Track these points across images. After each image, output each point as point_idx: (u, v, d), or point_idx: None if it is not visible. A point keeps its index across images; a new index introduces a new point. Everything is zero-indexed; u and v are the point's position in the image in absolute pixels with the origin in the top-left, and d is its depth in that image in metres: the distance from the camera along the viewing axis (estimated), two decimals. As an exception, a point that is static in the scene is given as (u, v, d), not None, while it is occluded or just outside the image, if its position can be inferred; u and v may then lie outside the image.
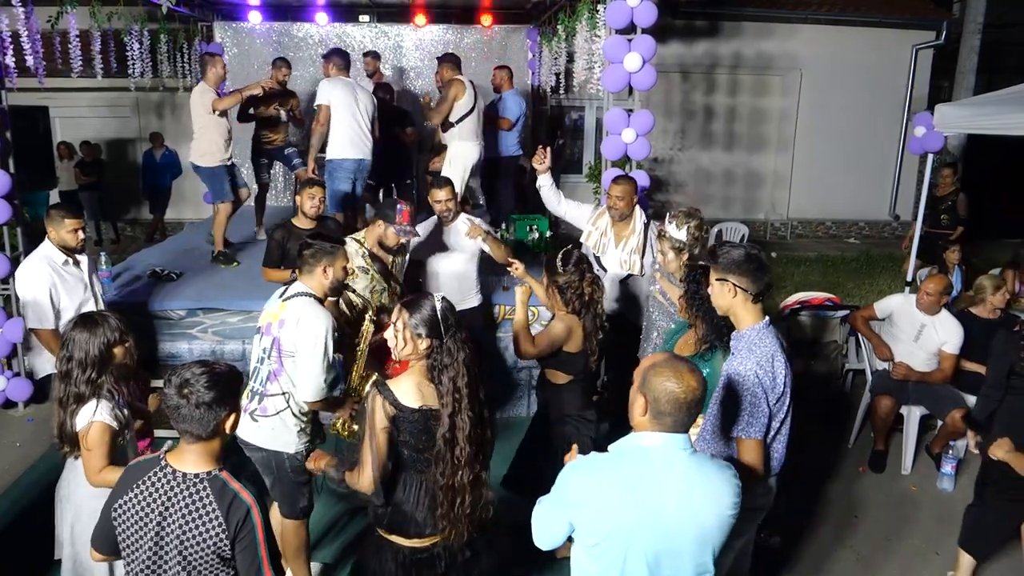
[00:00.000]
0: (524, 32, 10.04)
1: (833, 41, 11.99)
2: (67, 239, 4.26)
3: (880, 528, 4.42)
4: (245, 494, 2.15)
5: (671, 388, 2.02)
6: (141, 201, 11.83)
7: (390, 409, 2.52)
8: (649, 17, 5.08)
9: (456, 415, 2.49)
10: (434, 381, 2.53)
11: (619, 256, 4.75)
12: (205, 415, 2.12)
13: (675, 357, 2.14)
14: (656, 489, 2.02)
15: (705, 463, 2.10)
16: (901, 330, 5.03)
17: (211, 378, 2.14)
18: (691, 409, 2.04)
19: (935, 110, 6.32)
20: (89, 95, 11.00)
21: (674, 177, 12.50)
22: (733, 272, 2.65)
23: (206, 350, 5.49)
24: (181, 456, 2.18)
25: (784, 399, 2.65)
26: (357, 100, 6.10)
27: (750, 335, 2.65)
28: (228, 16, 9.83)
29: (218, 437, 2.19)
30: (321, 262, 3.28)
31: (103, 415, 2.86)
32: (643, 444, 2.08)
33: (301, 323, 3.17)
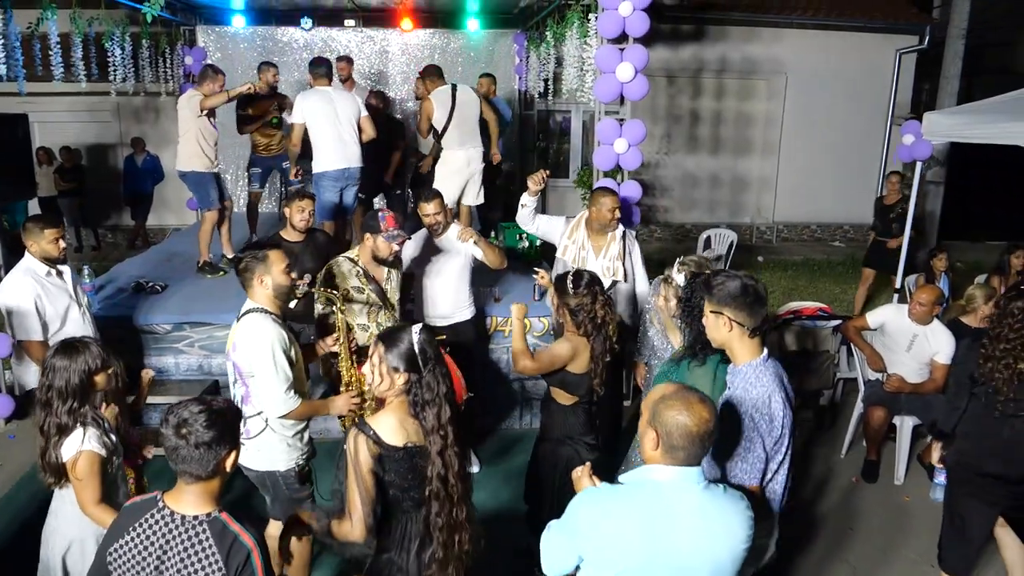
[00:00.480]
0: (511, 37, 9.99)
1: (818, 45, 12.05)
2: (49, 250, 4.10)
3: (876, 540, 4.42)
4: (246, 537, 2.07)
5: (683, 422, 1.98)
6: (122, 207, 11.68)
7: (374, 448, 2.39)
8: (641, 27, 5.05)
9: (445, 451, 2.40)
10: (416, 417, 2.43)
11: (601, 264, 4.72)
12: (205, 455, 2.04)
13: (685, 388, 2.09)
14: (669, 526, 1.98)
15: (718, 496, 2.06)
16: (893, 340, 5.03)
17: (209, 416, 2.06)
18: (704, 441, 2.00)
19: (923, 118, 6.35)
20: (69, 100, 10.83)
21: (660, 181, 12.51)
22: (728, 305, 2.53)
23: (193, 365, 5.41)
24: (179, 497, 2.10)
25: (783, 441, 2.54)
26: (336, 109, 6.01)
27: (746, 372, 2.54)
28: (211, 20, 9.68)
29: (218, 476, 2.11)
30: (255, 273, 3.21)
31: (91, 444, 2.79)
32: (656, 478, 2.04)
33: (248, 342, 3.13)
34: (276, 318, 3.24)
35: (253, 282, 3.21)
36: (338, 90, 6.25)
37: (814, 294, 8.96)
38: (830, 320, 5.64)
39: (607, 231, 4.72)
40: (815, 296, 8.66)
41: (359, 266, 4.21)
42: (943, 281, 6.73)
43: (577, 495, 2.15)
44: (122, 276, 6.42)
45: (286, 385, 3.14)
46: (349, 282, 4.19)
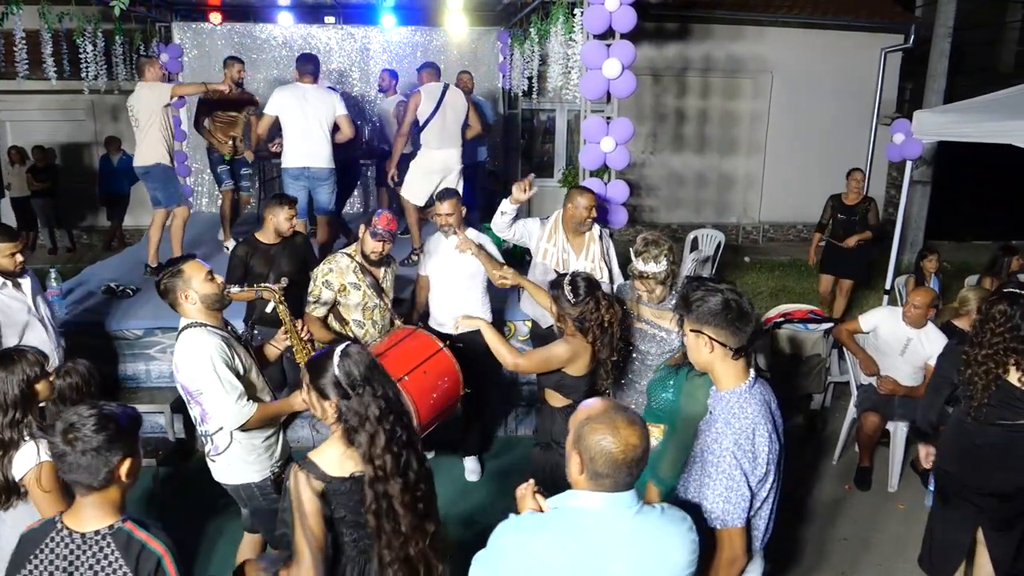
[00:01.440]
0: (495, 35, 9.83)
1: (803, 44, 11.99)
2: (4, 264, 3.88)
3: (870, 551, 4.30)
4: (154, 543, 1.97)
5: (607, 448, 1.80)
6: (98, 208, 11.44)
7: (316, 484, 2.23)
8: (628, 22, 4.92)
9: (381, 482, 2.20)
10: (351, 445, 2.25)
11: (586, 266, 4.56)
12: (93, 462, 1.91)
13: (614, 407, 1.88)
14: (598, 559, 1.80)
15: (653, 522, 1.87)
16: (886, 343, 4.92)
17: (99, 420, 1.92)
18: (632, 468, 1.81)
19: (913, 117, 6.26)
20: (42, 98, 10.59)
21: (645, 181, 12.41)
22: (709, 323, 2.28)
23: (165, 371, 5.23)
24: (78, 513, 1.98)
25: (768, 477, 2.32)
26: (304, 107, 5.91)
27: (729, 400, 2.29)
28: (187, 16, 9.48)
29: (114, 485, 1.97)
30: (177, 291, 3.04)
31: (47, 455, 2.62)
32: (582, 506, 1.85)
33: (186, 360, 3.01)
34: (213, 329, 3.08)
35: (179, 299, 3.06)
36: (318, 88, 6.08)
37: (802, 295, 8.87)
38: (821, 323, 5.53)
39: (583, 230, 4.58)
40: (803, 297, 8.58)
41: (356, 261, 4.21)
42: (933, 282, 6.64)
43: (500, 524, 1.95)
44: (92, 279, 6.22)
45: (236, 394, 3.00)
46: (346, 277, 4.19)
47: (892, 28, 11.91)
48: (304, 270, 4.77)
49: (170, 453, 4.92)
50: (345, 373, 2.26)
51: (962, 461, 3.42)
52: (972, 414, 3.31)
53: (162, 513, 4.55)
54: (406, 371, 3.70)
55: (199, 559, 4.08)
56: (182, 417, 5.14)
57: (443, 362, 3.89)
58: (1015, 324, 3.19)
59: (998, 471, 3.31)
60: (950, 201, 11.91)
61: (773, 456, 2.31)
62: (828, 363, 5.65)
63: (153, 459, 4.72)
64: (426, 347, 3.91)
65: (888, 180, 12.73)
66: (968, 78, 14.57)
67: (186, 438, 5.17)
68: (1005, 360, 3.22)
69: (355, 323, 4.26)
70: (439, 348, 3.91)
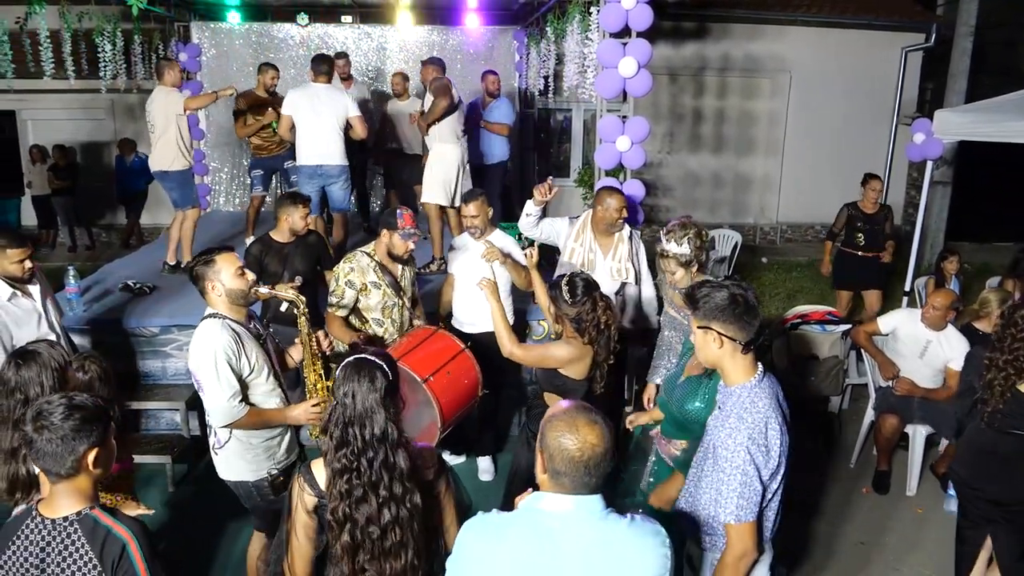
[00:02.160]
0: (511, 34, 9.82)
1: (822, 43, 11.88)
2: (13, 271, 3.78)
3: (888, 555, 4.25)
4: (120, 529, 1.99)
5: (565, 445, 1.77)
6: (116, 206, 11.54)
7: (309, 500, 2.19)
8: (644, 20, 4.89)
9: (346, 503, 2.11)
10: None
11: (611, 266, 4.57)
12: (59, 450, 1.94)
13: (577, 407, 1.86)
14: (553, 563, 1.76)
15: (619, 531, 1.81)
16: (905, 346, 4.86)
17: (68, 409, 1.96)
18: (592, 469, 1.78)
19: (934, 116, 6.19)
20: (62, 97, 10.67)
21: (662, 181, 12.34)
22: (716, 319, 2.30)
23: (180, 369, 5.25)
24: (51, 501, 2.03)
25: (780, 470, 2.33)
26: (318, 105, 5.97)
27: (740, 395, 2.30)
28: (206, 16, 9.53)
29: (82, 474, 2.00)
30: (206, 279, 3.09)
31: None
32: (545, 508, 1.82)
33: (195, 348, 3.05)
34: (232, 323, 3.11)
35: (206, 288, 3.11)
36: (331, 88, 6.11)
37: (819, 296, 8.78)
38: (839, 324, 5.47)
39: (613, 231, 4.57)
40: (820, 298, 8.48)
41: (375, 260, 4.21)
42: (954, 284, 6.55)
43: (465, 524, 1.94)
44: (110, 277, 6.27)
45: (229, 393, 3.02)
46: (367, 277, 4.18)
47: (912, 27, 11.78)
48: (317, 269, 4.80)
49: (185, 450, 4.93)
50: (337, 386, 2.22)
51: (974, 467, 3.41)
52: (986, 419, 3.28)
53: (177, 510, 4.58)
54: (431, 372, 3.74)
55: (213, 556, 4.10)
56: (197, 414, 5.17)
57: (465, 363, 3.95)
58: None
59: (1007, 479, 3.28)
60: (971, 202, 11.75)
61: (784, 449, 2.32)
62: (846, 365, 5.59)
63: (168, 456, 4.74)
64: (449, 348, 3.97)
65: (908, 181, 12.59)
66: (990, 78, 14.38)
67: (201, 435, 5.20)
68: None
69: (374, 322, 4.26)
70: (461, 349, 3.97)
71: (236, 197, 9.87)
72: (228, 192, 9.85)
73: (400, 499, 2.15)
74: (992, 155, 8.38)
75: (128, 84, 8.27)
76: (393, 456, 2.16)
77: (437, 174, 6.35)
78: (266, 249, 4.60)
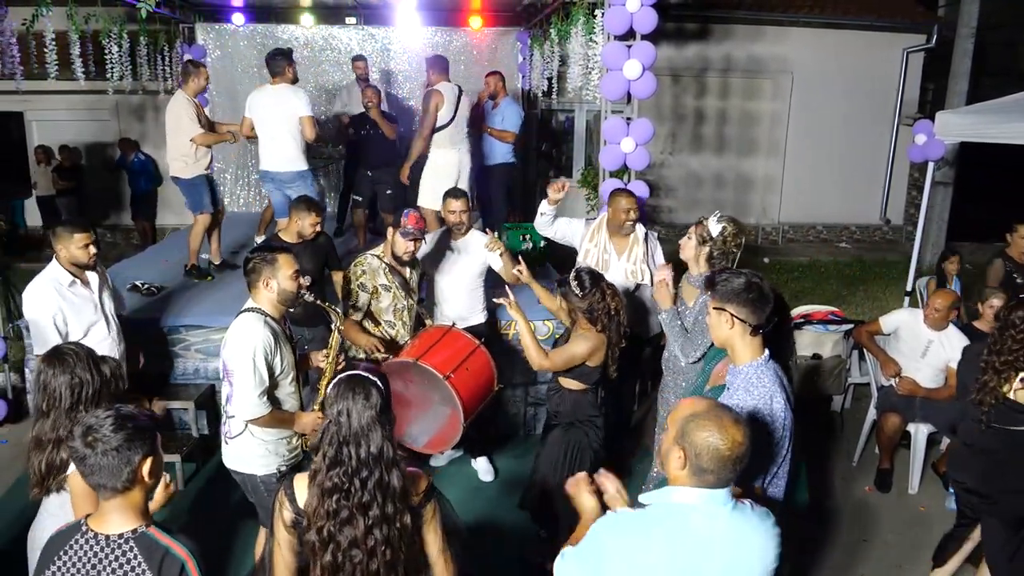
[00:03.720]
0: (515, 35, 9.86)
1: (824, 44, 11.92)
2: (78, 256, 3.83)
3: (891, 553, 4.29)
4: (178, 549, 1.98)
5: (715, 444, 1.85)
6: (122, 207, 11.57)
7: (287, 516, 2.17)
8: (649, 23, 4.94)
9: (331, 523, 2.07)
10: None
11: (626, 267, 4.64)
12: (115, 462, 1.93)
13: (718, 406, 1.95)
14: (699, 554, 1.86)
15: (747, 518, 1.94)
16: (907, 345, 4.90)
17: (117, 420, 1.96)
18: (736, 465, 1.88)
19: (936, 117, 6.22)
20: (68, 98, 10.72)
21: (664, 181, 12.37)
22: (732, 302, 2.50)
23: (189, 369, 5.30)
24: (102, 517, 2.00)
25: (783, 443, 2.47)
26: (265, 108, 5.85)
27: (747, 372, 2.48)
28: (211, 18, 9.57)
29: (137, 486, 1.99)
30: (261, 275, 3.16)
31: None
32: (682, 501, 1.91)
33: (234, 340, 3.10)
34: (271, 321, 3.19)
35: (258, 283, 3.18)
36: (281, 89, 5.86)
37: (821, 296, 8.83)
38: (842, 324, 5.51)
39: (625, 232, 4.64)
40: (822, 298, 8.53)
41: (384, 262, 4.26)
42: (955, 285, 6.58)
43: (599, 521, 2.00)
44: (117, 278, 6.26)
45: (259, 390, 3.09)
46: (378, 279, 4.23)
47: (914, 28, 11.83)
48: (324, 270, 4.84)
49: (194, 449, 4.98)
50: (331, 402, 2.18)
51: (969, 466, 3.50)
52: (983, 419, 3.34)
53: (186, 508, 4.62)
54: (451, 369, 3.84)
55: (221, 554, 4.13)
56: (206, 413, 5.22)
57: (481, 359, 4.08)
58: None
59: (996, 474, 3.38)
60: (972, 202, 11.78)
61: (788, 422, 2.46)
62: (848, 364, 5.63)
63: (177, 455, 4.78)
64: (466, 345, 4.08)
65: (909, 181, 12.63)
66: (991, 78, 14.43)
67: (209, 434, 5.25)
68: (1019, 367, 3.25)
69: (387, 324, 4.30)
70: (477, 345, 4.09)
71: (240, 198, 9.92)
72: (232, 193, 9.89)
73: (391, 519, 2.12)
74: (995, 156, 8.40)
75: (133, 85, 8.32)
76: (388, 476, 2.12)
77: (431, 179, 6.38)
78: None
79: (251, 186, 9.89)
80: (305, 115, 5.81)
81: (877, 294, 9.10)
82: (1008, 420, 3.30)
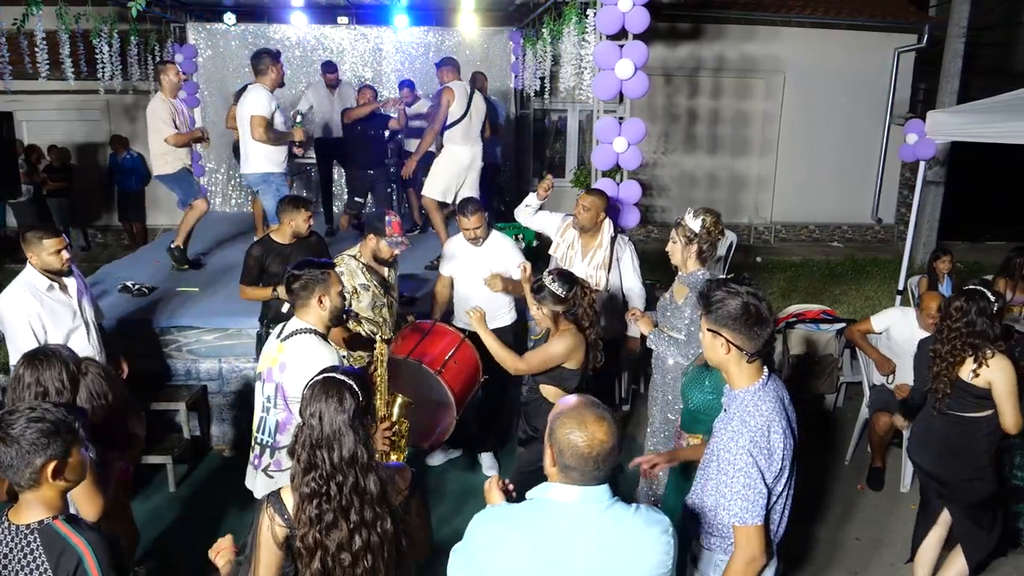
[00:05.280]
0: (507, 34, 9.86)
1: (816, 44, 11.94)
2: (51, 262, 3.74)
3: (884, 551, 4.30)
4: (77, 540, 1.97)
5: (574, 441, 1.85)
6: (112, 208, 11.51)
7: (279, 531, 2.10)
8: (641, 23, 4.93)
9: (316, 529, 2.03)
10: None
11: (584, 270, 4.66)
12: (15, 462, 1.93)
13: (585, 403, 1.93)
14: (564, 551, 1.84)
15: (626, 520, 1.89)
16: (899, 345, 4.90)
17: (27, 421, 1.94)
18: (600, 463, 1.85)
19: (927, 117, 6.24)
20: (58, 98, 10.67)
21: (657, 181, 12.39)
22: (727, 326, 2.31)
23: (180, 369, 5.28)
24: (19, 508, 2.04)
25: (783, 473, 2.35)
26: (240, 112, 5.85)
27: (743, 399, 2.33)
28: (202, 17, 9.55)
29: (44, 486, 1.99)
30: (315, 292, 3.00)
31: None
32: (554, 498, 1.91)
33: (303, 365, 2.87)
34: (329, 343, 3.05)
35: (311, 301, 3.01)
36: (251, 89, 5.85)
37: (813, 295, 8.85)
38: (834, 323, 5.52)
39: (584, 229, 4.68)
40: (814, 297, 8.56)
41: (362, 262, 4.30)
42: (946, 283, 6.60)
43: (476, 515, 2.01)
44: (108, 278, 6.28)
45: None
46: (356, 279, 4.25)
47: (906, 28, 11.86)
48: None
49: (185, 451, 4.96)
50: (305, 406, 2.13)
51: (925, 451, 3.67)
52: (936, 407, 3.54)
53: (179, 510, 4.60)
54: (441, 363, 3.92)
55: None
56: (197, 415, 5.20)
57: (467, 351, 4.20)
58: (970, 319, 3.39)
59: (948, 460, 3.56)
60: (964, 202, 11.82)
61: (788, 452, 2.34)
62: (840, 363, 5.64)
63: (169, 456, 4.76)
64: (452, 340, 4.24)
65: (901, 180, 12.67)
66: (982, 78, 14.46)
67: (201, 436, 5.23)
68: (963, 355, 3.42)
69: (368, 321, 4.28)
70: (462, 339, 4.20)
71: (232, 198, 9.89)
72: (224, 193, 9.87)
73: (371, 524, 2.08)
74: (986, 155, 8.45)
75: (124, 85, 8.28)
76: (363, 480, 2.08)
77: (443, 173, 6.43)
78: (268, 251, 4.59)
79: (243, 187, 9.86)
80: (254, 114, 5.67)
81: (869, 293, 9.12)
82: (960, 406, 3.47)
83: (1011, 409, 3.39)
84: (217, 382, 5.29)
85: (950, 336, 3.45)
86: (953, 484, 3.59)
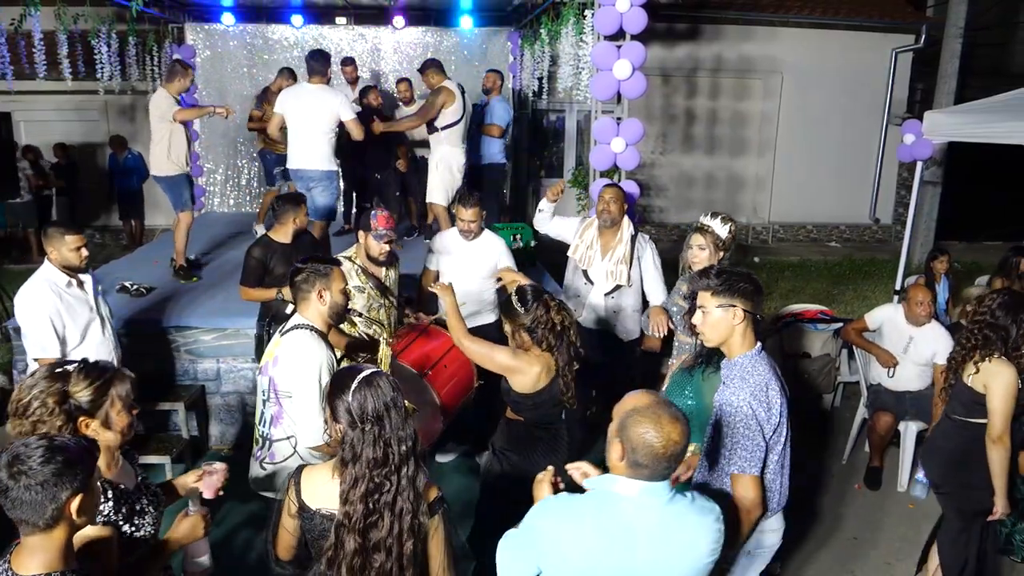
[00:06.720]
0: (505, 35, 9.87)
1: (814, 44, 11.98)
2: (70, 258, 3.80)
3: (881, 551, 4.31)
4: None
5: (649, 440, 1.89)
6: (112, 208, 11.51)
7: (292, 507, 2.17)
8: (639, 23, 4.95)
9: (344, 529, 2.05)
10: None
11: (606, 267, 4.66)
12: (38, 498, 1.71)
13: (659, 402, 1.97)
14: (628, 543, 1.90)
15: (684, 511, 1.97)
16: (891, 341, 4.92)
17: (48, 451, 1.74)
18: (671, 461, 1.91)
19: (924, 117, 6.25)
20: (57, 98, 10.68)
21: (655, 181, 12.41)
22: (741, 296, 2.55)
23: (178, 370, 5.27)
24: (20, 555, 1.79)
25: (781, 430, 2.54)
26: (302, 107, 5.83)
27: (743, 363, 2.54)
28: (200, 17, 9.54)
29: (62, 525, 1.77)
30: (315, 287, 2.98)
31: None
32: (618, 491, 1.95)
33: (293, 360, 2.89)
34: (325, 339, 3.03)
35: (311, 296, 2.98)
36: (321, 89, 5.88)
37: (811, 295, 8.87)
38: (831, 323, 5.53)
39: (607, 225, 4.66)
40: (812, 297, 8.57)
41: (357, 264, 4.21)
42: (943, 283, 6.61)
43: (537, 504, 2.06)
44: (107, 279, 6.25)
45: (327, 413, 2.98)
46: (350, 282, 4.12)
47: (903, 28, 11.91)
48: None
49: (183, 451, 4.96)
50: (359, 403, 2.10)
51: (930, 457, 3.71)
52: (945, 410, 3.56)
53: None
54: (428, 366, 3.85)
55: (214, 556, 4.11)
56: (195, 415, 5.20)
57: (460, 356, 4.00)
58: (995, 312, 3.35)
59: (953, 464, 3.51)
60: (961, 202, 11.85)
61: (784, 410, 2.53)
62: (838, 363, 5.66)
63: (167, 456, 4.77)
64: (444, 343, 4.10)
65: (898, 181, 12.71)
66: (979, 79, 14.48)
67: (199, 435, 5.23)
68: (974, 345, 3.40)
69: (363, 323, 4.27)
70: (453, 344, 4.00)
71: (231, 198, 9.89)
72: (223, 194, 9.87)
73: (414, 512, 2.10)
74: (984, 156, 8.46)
75: (122, 85, 8.28)
76: (416, 467, 2.12)
77: (442, 177, 6.45)
78: (269, 251, 4.52)
79: (241, 187, 9.87)
80: (348, 117, 5.86)
81: (866, 293, 9.14)
82: (966, 411, 3.42)
83: (999, 418, 3.25)
84: (215, 382, 5.30)
85: (971, 325, 3.45)
86: (952, 490, 3.57)
